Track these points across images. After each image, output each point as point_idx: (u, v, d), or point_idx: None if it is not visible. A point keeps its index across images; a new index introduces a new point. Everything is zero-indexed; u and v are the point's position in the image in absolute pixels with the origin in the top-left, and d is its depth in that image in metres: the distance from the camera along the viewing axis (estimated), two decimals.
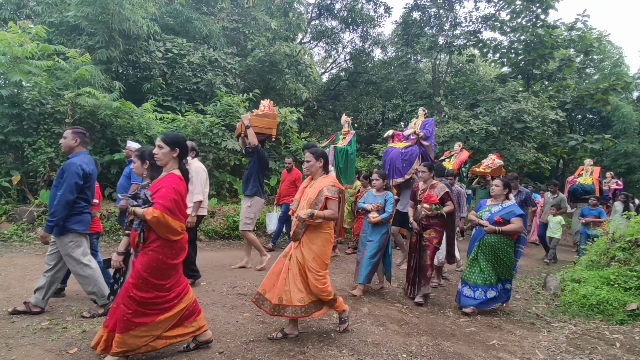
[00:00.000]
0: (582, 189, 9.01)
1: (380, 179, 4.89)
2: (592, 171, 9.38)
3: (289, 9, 17.40)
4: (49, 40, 9.28)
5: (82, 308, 3.76)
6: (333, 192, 3.29)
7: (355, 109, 21.29)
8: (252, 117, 5.46)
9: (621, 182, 10.92)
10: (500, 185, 4.41)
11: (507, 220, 4.22)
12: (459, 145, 8.39)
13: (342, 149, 6.74)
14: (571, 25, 16.23)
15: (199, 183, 4.62)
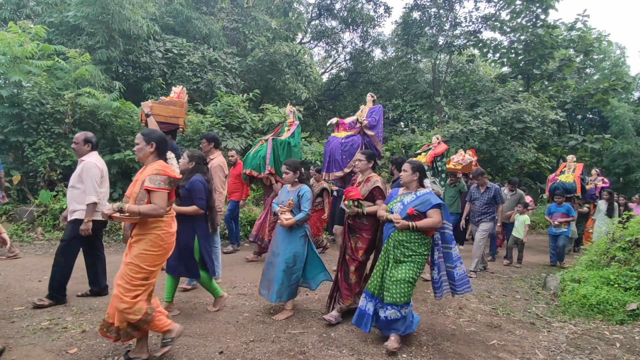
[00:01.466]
0: (563, 188, 8.59)
1: (291, 171, 3.93)
2: (575, 168, 8.91)
3: (289, 9, 17.42)
4: (49, 40, 9.28)
5: (82, 308, 3.76)
6: (156, 182, 2.65)
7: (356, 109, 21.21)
8: (154, 105, 4.94)
9: (607, 180, 10.46)
10: (409, 170, 3.51)
11: (422, 213, 3.31)
12: (437, 138, 7.81)
13: (283, 141, 6.13)
14: (571, 25, 16.24)
15: (90, 182, 3.82)
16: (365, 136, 5.72)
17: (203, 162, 3.88)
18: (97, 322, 3.43)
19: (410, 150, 14.18)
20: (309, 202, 3.84)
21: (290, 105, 6.86)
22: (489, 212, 6.34)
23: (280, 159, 5.98)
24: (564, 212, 7.44)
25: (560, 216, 7.44)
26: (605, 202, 8.40)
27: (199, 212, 3.61)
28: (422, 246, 3.33)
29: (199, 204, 3.59)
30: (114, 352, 2.90)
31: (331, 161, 5.67)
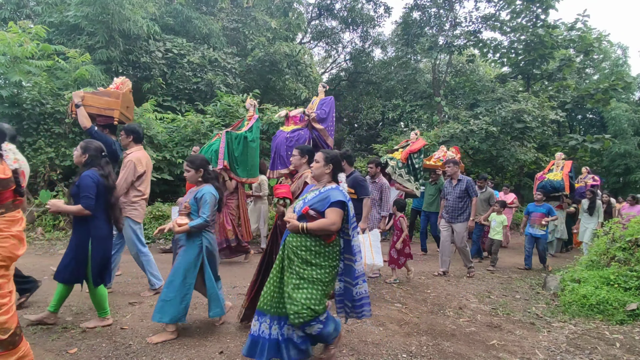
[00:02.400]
0: (551, 186, 8.23)
1: (192, 169, 3.35)
2: (564, 166, 8.56)
3: (288, 9, 17.42)
4: (49, 40, 9.28)
5: (82, 308, 3.76)
6: None
7: (355, 109, 21.31)
8: (86, 95, 4.57)
9: (598, 178, 10.03)
10: (321, 161, 2.91)
11: (321, 213, 2.71)
12: (416, 134, 7.40)
13: (239, 135, 5.60)
14: (571, 25, 16.23)
15: None
16: (313, 130, 5.27)
17: (101, 154, 3.39)
18: None
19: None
20: (209, 207, 3.21)
21: (251, 99, 6.38)
22: (463, 210, 5.93)
23: (235, 154, 5.55)
24: (543, 213, 6.88)
25: (539, 217, 6.88)
26: (587, 201, 8.09)
27: (83, 212, 3.13)
28: (320, 256, 2.67)
29: (84, 202, 3.12)
30: (114, 352, 2.90)
31: (276, 157, 5.24)
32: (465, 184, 5.88)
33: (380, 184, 5.47)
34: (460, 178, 5.96)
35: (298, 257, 2.69)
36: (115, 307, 3.80)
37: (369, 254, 4.41)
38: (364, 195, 4.66)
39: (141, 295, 4.21)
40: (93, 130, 4.34)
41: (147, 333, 3.25)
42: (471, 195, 5.90)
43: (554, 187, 8.21)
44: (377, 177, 5.51)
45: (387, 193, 5.48)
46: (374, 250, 4.50)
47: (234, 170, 5.55)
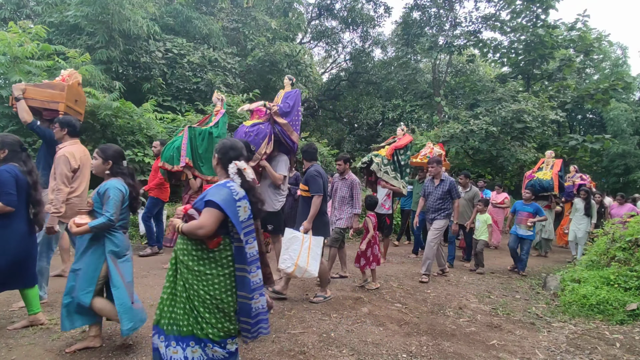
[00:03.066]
0: (540, 185, 8.01)
1: (100, 157, 2.95)
2: (553, 164, 8.33)
3: (288, 9, 17.42)
4: (49, 40, 9.28)
5: None
6: None
7: (356, 109, 21.32)
8: (28, 88, 4.29)
9: (586, 177, 9.84)
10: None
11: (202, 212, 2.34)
12: (402, 129, 7.03)
13: (204, 130, 5.32)
14: (571, 25, 16.24)
15: None
16: (276, 124, 4.92)
17: (20, 148, 3.25)
18: None
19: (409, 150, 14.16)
20: (112, 204, 2.77)
21: (218, 92, 5.99)
22: (443, 209, 5.67)
23: (199, 150, 5.25)
24: (530, 212, 6.51)
25: (526, 216, 6.53)
26: (582, 201, 7.76)
27: (5, 209, 2.97)
28: (203, 262, 2.32)
29: (4, 199, 2.96)
30: (114, 352, 2.90)
31: None
32: (448, 185, 5.62)
33: (350, 181, 5.13)
34: (444, 178, 5.69)
35: (182, 263, 2.36)
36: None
37: (305, 257, 3.99)
38: (315, 193, 4.20)
39: None
40: (35, 125, 4.12)
41: (147, 333, 3.25)
42: (453, 197, 5.64)
43: (542, 186, 8.01)
44: (346, 174, 5.16)
45: (358, 190, 5.13)
46: (311, 256, 4.02)
47: (198, 167, 5.21)
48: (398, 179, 6.56)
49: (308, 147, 4.63)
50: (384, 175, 6.43)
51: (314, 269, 4.02)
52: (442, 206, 5.67)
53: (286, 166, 4.86)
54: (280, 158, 4.83)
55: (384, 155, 6.56)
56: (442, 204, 5.67)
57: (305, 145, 4.65)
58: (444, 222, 5.66)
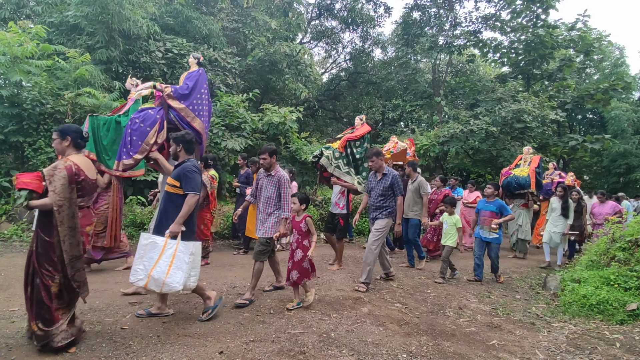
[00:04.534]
0: (517, 183, 7.62)
1: None
2: (531, 161, 7.96)
3: (288, 9, 17.41)
4: (49, 40, 9.28)
5: (81, 308, 3.75)
6: None
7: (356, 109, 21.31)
8: None
9: (565, 175, 9.37)
10: None
11: None
12: (361, 119, 6.34)
13: (109, 119, 4.59)
14: (571, 26, 16.25)
15: None
16: (171, 109, 4.31)
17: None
18: (97, 322, 3.43)
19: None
20: None
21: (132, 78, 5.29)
22: (385, 207, 5.06)
23: (104, 142, 4.56)
24: (493, 211, 5.68)
25: (489, 216, 5.67)
26: (558, 200, 7.14)
27: None
28: None
29: None
30: (114, 352, 2.90)
31: (123, 145, 4.24)
32: (391, 179, 5.04)
33: (277, 178, 4.31)
34: (386, 172, 5.11)
35: None
36: (115, 307, 3.80)
37: (164, 266, 3.25)
38: (190, 191, 3.46)
39: None
40: None
41: (147, 333, 3.25)
42: (396, 193, 5.04)
43: (519, 183, 7.64)
44: (272, 170, 4.36)
45: (286, 188, 4.28)
46: (175, 265, 3.27)
47: (104, 161, 4.51)
48: (352, 174, 5.86)
49: (186, 136, 3.74)
50: (334, 170, 5.81)
51: (177, 280, 3.25)
52: (383, 203, 5.07)
53: None
54: None
55: (336, 148, 5.90)
56: (384, 201, 5.08)
57: (185, 134, 3.78)
58: (386, 222, 5.06)
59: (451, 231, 5.78)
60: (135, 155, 4.13)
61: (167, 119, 4.32)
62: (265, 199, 4.37)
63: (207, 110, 4.63)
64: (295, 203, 4.09)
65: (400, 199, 5.05)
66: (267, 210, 4.33)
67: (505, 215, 5.69)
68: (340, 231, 5.92)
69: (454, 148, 13.20)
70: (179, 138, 3.68)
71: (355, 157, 5.94)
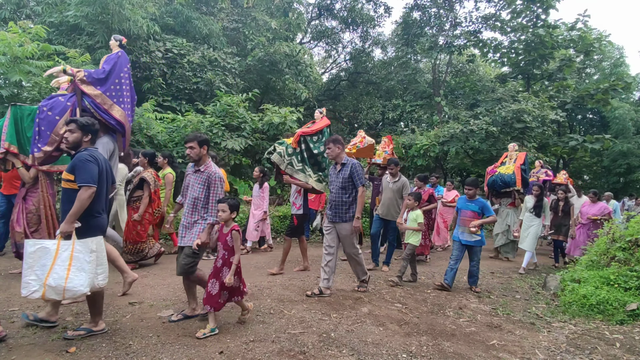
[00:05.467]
0: (502, 181, 7.34)
1: None
2: (517, 158, 7.70)
3: (288, 9, 17.43)
4: (49, 40, 9.29)
5: (82, 308, 3.76)
6: None
7: (355, 109, 21.34)
8: None
9: (551, 173, 9.02)
10: None
11: None
12: (321, 112, 5.85)
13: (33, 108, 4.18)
14: (572, 26, 16.26)
15: None
16: (85, 96, 3.87)
17: None
18: None
19: (409, 150, 14.18)
20: None
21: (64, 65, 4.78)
22: (346, 203, 4.46)
23: (28, 134, 4.15)
24: (475, 212, 5.13)
25: (470, 216, 5.11)
26: (533, 198, 6.74)
27: None
28: None
29: None
30: (114, 352, 2.90)
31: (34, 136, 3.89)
32: (350, 168, 4.39)
33: (207, 175, 3.50)
34: (345, 161, 4.47)
35: None
36: (116, 307, 3.80)
37: (61, 271, 2.87)
38: (82, 184, 2.99)
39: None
40: None
41: (147, 333, 3.25)
42: (356, 184, 4.39)
43: (504, 181, 7.37)
44: (202, 164, 3.54)
45: (217, 188, 3.50)
46: (75, 267, 2.91)
47: (27, 152, 4.12)
48: (306, 172, 5.35)
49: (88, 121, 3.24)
50: (287, 167, 5.34)
51: (81, 283, 2.90)
52: (345, 198, 4.45)
53: (106, 150, 3.84)
54: (100, 140, 3.78)
55: (289, 143, 5.41)
56: (345, 195, 4.45)
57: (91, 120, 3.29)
58: (350, 225, 4.45)
59: (412, 227, 5.38)
60: (44, 147, 3.75)
61: (82, 106, 3.88)
62: (192, 200, 3.53)
63: (130, 96, 4.19)
64: (224, 210, 3.32)
65: (361, 189, 4.39)
66: (192, 215, 3.53)
67: (488, 216, 5.15)
68: (294, 231, 5.53)
69: (454, 148, 13.21)
70: (88, 126, 3.19)
71: (313, 153, 5.44)
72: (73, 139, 3.15)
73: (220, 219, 3.38)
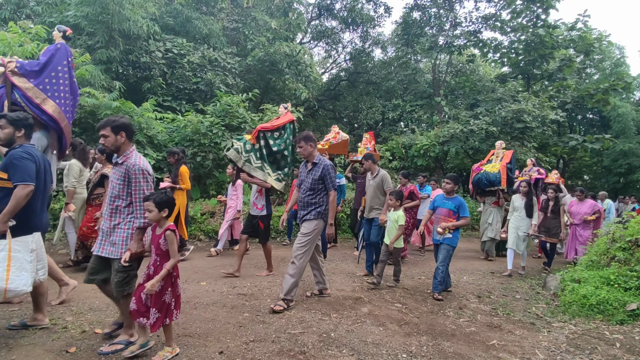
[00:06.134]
0: (487, 180, 7.11)
1: None
2: (503, 156, 7.44)
3: (288, 9, 17.44)
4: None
5: (82, 308, 3.76)
6: None
7: (355, 109, 21.33)
8: None
9: (544, 171, 8.65)
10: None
11: None
12: (285, 107, 5.59)
13: None
14: (572, 25, 16.26)
15: None
16: (15, 88, 3.60)
17: None
18: (97, 322, 3.44)
19: (409, 150, 14.18)
20: None
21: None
22: (315, 204, 4.13)
23: None
24: (451, 209, 4.79)
25: (446, 214, 4.81)
26: (522, 197, 6.28)
27: None
28: None
29: None
30: (114, 352, 2.90)
31: None
32: (321, 170, 4.10)
33: (125, 169, 2.89)
34: (316, 161, 4.16)
35: None
36: (115, 307, 3.80)
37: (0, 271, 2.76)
38: (18, 182, 2.83)
39: None
40: None
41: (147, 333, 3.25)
42: (328, 187, 4.13)
43: (489, 180, 7.14)
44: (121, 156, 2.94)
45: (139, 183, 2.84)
46: (14, 267, 2.80)
47: None
48: (265, 170, 4.99)
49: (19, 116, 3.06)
50: (244, 165, 5.02)
51: (23, 283, 2.83)
52: (312, 199, 4.15)
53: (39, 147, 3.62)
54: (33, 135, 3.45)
55: (248, 139, 5.11)
56: (313, 197, 4.15)
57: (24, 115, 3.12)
58: (316, 224, 4.10)
59: (392, 230, 5.02)
60: None
61: (12, 99, 3.61)
62: (111, 200, 2.96)
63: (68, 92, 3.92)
64: (150, 210, 2.77)
65: (333, 194, 4.13)
66: (113, 217, 2.94)
67: (462, 216, 4.76)
68: (261, 235, 5.22)
69: (454, 148, 13.21)
70: (20, 120, 3.04)
71: (272, 150, 5.08)
72: (4, 135, 2.99)
73: (149, 219, 2.81)
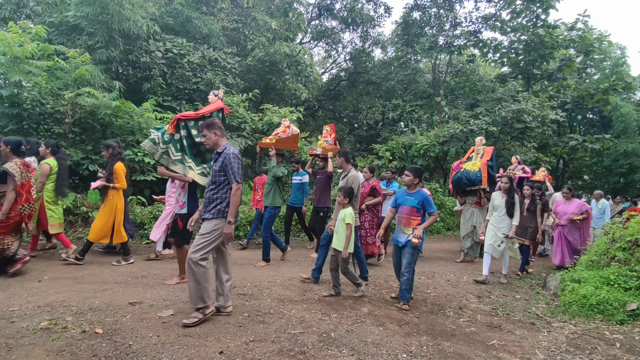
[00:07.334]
0: (467, 178, 6.73)
1: None
2: (483, 153, 7.05)
3: (288, 9, 17.43)
4: (49, 40, 9.29)
5: (82, 308, 3.76)
6: None
7: (355, 109, 21.34)
8: None
9: (529, 169, 8.15)
10: None
11: None
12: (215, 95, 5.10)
13: None
14: (572, 25, 16.27)
15: None
16: None
17: None
18: (97, 322, 3.43)
19: (409, 150, 14.18)
20: None
21: None
22: (215, 200, 3.58)
23: None
24: (414, 206, 4.22)
25: (408, 212, 4.25)
26: (502, 195, 5.64)
27: None
28: None
29: None
30: (114, 352, 2.90)
31: None
32: (222, 159, 3.55)
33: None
34: (220, 150, 3.63)
35: None
36: (115, 307, 3.80)
37: None
38: None
39: None
40: None
41: (147, 333, 3.25)
42: (230, 179, 3.53)
43: (470, 179, 6.73)
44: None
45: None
46: None
47: None
48: (186, 163, 4.52)
49: None
50: (162, 157, 4.53)
51: None
52: (214, 195, 3.59)
53: None
54: None
55: (166, 129, 4.57)
56: (215, 191, 3.59)
57: None
58: (215, 224, 3.52)
59: (341, 230, 4.42)
60: None
61: None
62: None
63: None
64: None
65: (235, 186, 3.50)
66: None
67: (429, 212, 4.21)
68: (179, 236, 4.63)
69: (454, 148, 13.21)
70: None
71: (195, 142, 4.58)
72: None
73: None
